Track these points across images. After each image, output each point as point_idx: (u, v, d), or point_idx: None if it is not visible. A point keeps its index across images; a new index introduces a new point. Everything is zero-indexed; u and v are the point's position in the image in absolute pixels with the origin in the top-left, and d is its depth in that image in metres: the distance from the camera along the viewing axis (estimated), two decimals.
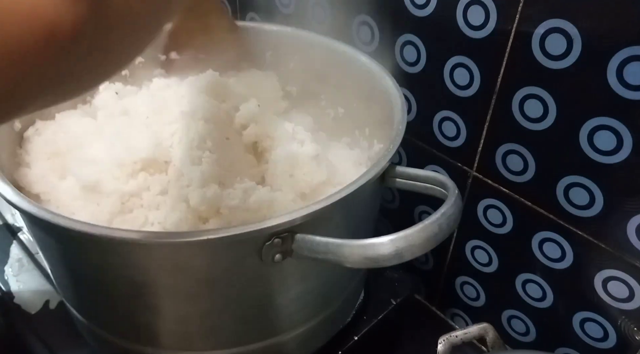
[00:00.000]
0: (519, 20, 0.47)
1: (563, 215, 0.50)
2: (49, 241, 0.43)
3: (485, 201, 0.57)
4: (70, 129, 0.52)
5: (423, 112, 0.59)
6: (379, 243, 0.36)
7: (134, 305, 0.44)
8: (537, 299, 0.57)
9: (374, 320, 0.59)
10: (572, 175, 0.48)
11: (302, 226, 0.38)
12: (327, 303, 0.51)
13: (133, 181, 0.46)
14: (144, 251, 0.39)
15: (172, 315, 0.45)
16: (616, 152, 0.45)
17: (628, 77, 0.42)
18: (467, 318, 0.67)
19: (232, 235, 0.36)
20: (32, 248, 0.65)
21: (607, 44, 0.42)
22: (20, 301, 0.60)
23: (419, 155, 0.61)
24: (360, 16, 0.60)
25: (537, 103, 0.48)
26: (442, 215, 0.37)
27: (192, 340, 0.47)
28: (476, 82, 0.52)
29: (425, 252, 0.37)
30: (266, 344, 0.48)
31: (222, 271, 0.41)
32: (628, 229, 0.46)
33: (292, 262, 0.40)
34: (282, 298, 0.45)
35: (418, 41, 0.55)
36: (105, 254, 0.40)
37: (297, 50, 0.62)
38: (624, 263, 0.48)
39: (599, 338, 0.53)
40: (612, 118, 0.44)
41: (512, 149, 0.52)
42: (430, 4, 0.52)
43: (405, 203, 0.67)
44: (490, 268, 0.60)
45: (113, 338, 0.48)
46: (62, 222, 0.37)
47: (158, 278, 0.41)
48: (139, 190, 0.46)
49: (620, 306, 0.50)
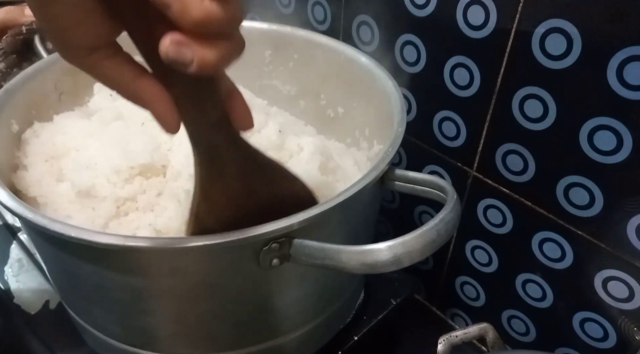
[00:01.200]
0: (519, 20, 0.46)
1: (563, 215, 0.50)
2: (46, 245, 0.43)
3: (485, 201, 0.57)
4: (69, 131, 0.52)
5: (423, 112, 0.58)
6: (377, 250, 0.36)
7: (132, 309, 0.44)
8: (537, 299, 0.56)
9: (374, 320, 0.58)
10: (572, 175, 0.48)
11: (300, 231, 0.38)
12: (327, 304, 0.51)
13: (129, 186, 0.45)
14: (141, 257, 0.39)
15: (171, 319, 0.45)
16: (616, 152, 0.44)
17: (628, 77, 0.42)
18: (467, 318, 0.67)
19: (230, 240, 0.36)
20: (32, 248, 0.65)
21: (607, 44, 0.42)
22: (20, 301, 0.60)
23: (419, 155, 0.61)
24: (360, 16, 0.60)
25: (537, 103, 0.48)
26: (440, 221, 0.37)
27: (191, 343, 0.46)
28: (476, 82, 0.52)
29: (423, 258, 0.36)
30: (265, 346, 0.48)
31: (219, 276, 0.41)
32: (628, 229, 0.46)
33: (290, 266, 0.40)
34: (281, 301, 0.45)
35: (418, 41, 0.55)
36: (102, 259, 0.40)
37: (297, 50, 0.61)
38: (624, 263, 0.48)
39: (599, 338, 0.53)
40: (612, 118, 0.44)
41: (512, 149, 0.52)
42: (430, 4, 0.52)
43: (405, 203, 0.67)
44: (490, 268, 0.60)
45: (111, 341, 0.48)
46: (58, 228, 0.37)
47: (156, 283, 0.41)
48: (134, 194, 0.46)
49: (620, 306, 0.50)
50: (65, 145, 0.51)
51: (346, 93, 0.60)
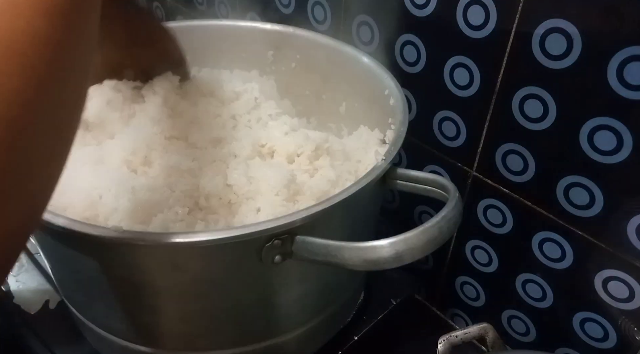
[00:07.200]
0: (519, 20, 0.46)
1: (563, 215, 0.50)
2: (49, 241, 0.43)
3: (485, 201, 0.57)
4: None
5: (423, 112, 0.59)
6: (379, 246, 0.36)
7: (134, 305, 0.44)
8: (537, 299, 0.56)
9: (374, 320, 0.59)
10: (572, 175, 0.48)
11: (302, 228, 0.38)
12: (327, 304, 0.51)
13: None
14: (143, 252, 0.39)
15: (172, 315, 0.45)
16: (616, 152, 0.45)
17: (628, 77, 0.42)
18: (467, 318, 0.67)
19: (232, 236, 0.36)
20: (32, 248, 0.65)
21: (607, 44, 0.42)
22: (20, 301, 0.60)
23: (419, 155, 0.61)
24: (360, 16, 0.60)
25: (537, 103, 0.48)
26: (442, 218, 0.37)
27: (192, 340, 0.47)
28: (476, 82, 0.52)
29: (425, 255, 0.36)
30: (266, 344, 0.48)
31: (221, 272, 0.41)
32: (628, 229, 0.46)
33: (292, 263, 0.40)
34: (282, 299, 0.45)
35: (418, 41, 0.55)
36: (104, 254, 0.40)
37: (299, 50, 0.62)
38: (624, 263, 0.48)
39: (599, 338, 0.53)
40: (612, 118, 0.44)
41: (512, 149, 0.52)
42: (430, 4, 0.52)
43: (405, 203, 0.67)
44: (490, 268, 0.60)
45: (113, 338, 0.48)
46: (61, 222, 0.37)
47: (158, 279, 0.41)
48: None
49: (620, 306, 0.50)
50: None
51: (348, 94, 0.60)
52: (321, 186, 0.48)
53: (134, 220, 0.43)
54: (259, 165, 0.51)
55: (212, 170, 0.50)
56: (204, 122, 0.55)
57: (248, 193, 0.48)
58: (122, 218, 0.43)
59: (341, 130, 0.62)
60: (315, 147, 0.51)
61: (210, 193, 0.47)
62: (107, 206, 0.44)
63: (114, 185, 0.45)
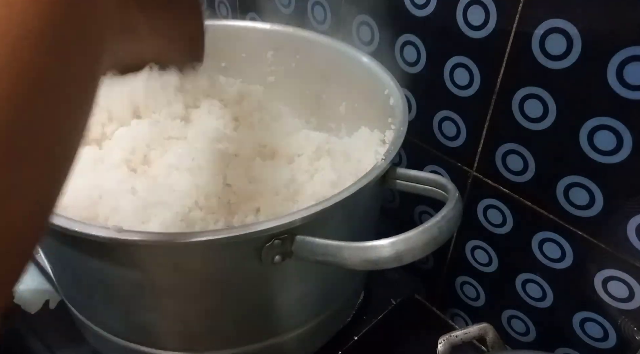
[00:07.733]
0: (519, 20, 0.46)
1: (563, 215, 0.50)
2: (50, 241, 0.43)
3: (485, 201, 0.57)
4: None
5: (423, 112, 0.59)
6: (379, 246, 0.36)
7: (134, 305, 0.44)
8: (537, 299, 0.57)
9: (374, 320, 0.59)
10: (572, 175, 0.48)
11: (302, 227, 0.38)
12: (328, 303, 0.51)
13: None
14: (143, 252, 0.39)
15: (173, 315, 0.45)
16: (616, 152, 0.45)
17: (628, 77, 0.42)
18: (467, 318, 0.67)
19: (232, 236, 0.36)
20: None
21: (607, 44, 0.42)
22: (20, 301, 0.60)
23: (419, 155, 0.61)
24: (360, 16, 0.60)
25: (537, 103, 0.48)
26: (442, 218, 0.37)
27: (192, 340, 0.47)
28: (476, 82, 0.52)
29: (425, 255, 0.36)
30: (266, 344, 0.48)
31: (221, 272, 0.41)
32: (628, 229, 0.46)
33: (292, 263, 0.40)
34: (282, 298, 0.45)
35: (418, 41, 0.55)
36: (104, 254, 0.40)
37: (299, 50, 0.62)
38: (624, 263, 0.48)
39: (599, 338, 0.53)
40: (612, 118, 0.44)
41: (512, 149, 0.52)
42: (430, 4, 0.52)
43: (405, 203, 0.67)
44: (490, 268, 0.60)
45: (113, 338, 0.48)
46: (62, 223, 0.37)
47: (158, 279, 0.41)
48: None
49: (620, 306, 0.50)
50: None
51: (348, 94, 0.60)
52: (321, 187, 0.48)
53: (134, 220, 0.43)
54: (259, 165, 0.51)
55: (212, 169, 0.50)
56: (204, 122, 0.55)
57: (248, 193, 0.48)
58: (122, 218, 0.43)
59: (341, 130, 0.62)
60: (316, 148, 0.51)
61: (210, 193, 0.47)
62: (107, 206, 0.44)
63: (113, 185, 0.45)
